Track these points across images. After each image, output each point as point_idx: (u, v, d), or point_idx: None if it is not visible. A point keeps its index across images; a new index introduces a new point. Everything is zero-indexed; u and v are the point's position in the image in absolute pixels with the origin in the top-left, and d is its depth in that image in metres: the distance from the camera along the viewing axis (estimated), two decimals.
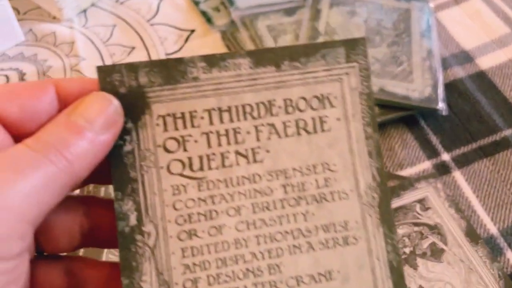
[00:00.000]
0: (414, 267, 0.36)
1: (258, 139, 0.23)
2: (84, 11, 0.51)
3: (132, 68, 0.22)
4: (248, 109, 0.23)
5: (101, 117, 0.21)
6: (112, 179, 0.22)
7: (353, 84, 0.23)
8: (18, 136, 0.21)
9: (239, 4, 0.51)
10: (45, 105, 0.21)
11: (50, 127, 0.20)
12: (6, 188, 0.18)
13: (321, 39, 0.47)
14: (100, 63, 0.47)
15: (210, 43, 0.49)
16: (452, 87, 0.46)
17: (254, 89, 0.23)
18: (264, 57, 0.23)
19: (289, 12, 0.50)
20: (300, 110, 0.23)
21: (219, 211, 0.22)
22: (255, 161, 0.23)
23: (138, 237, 0.22)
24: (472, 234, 0.37)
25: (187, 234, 0.22)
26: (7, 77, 0.46)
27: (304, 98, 0.23)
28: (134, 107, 0.22)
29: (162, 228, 0.22)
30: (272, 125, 0.23)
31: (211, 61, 0.22)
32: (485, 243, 0.37)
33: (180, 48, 0.49)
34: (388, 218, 0.23)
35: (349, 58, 0.23)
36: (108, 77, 0.22)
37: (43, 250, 0.23)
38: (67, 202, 0.23)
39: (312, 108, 0.23)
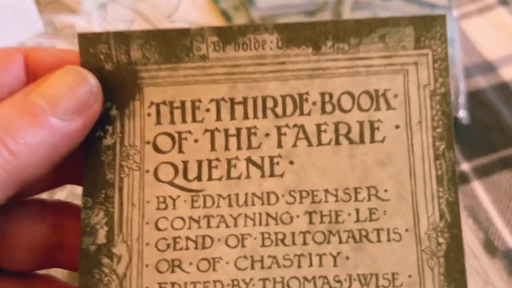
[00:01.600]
0: None
1: (280, 145, 0.17)
2: (104, 5, 0.51)
3: (123, 38, 0.18)
4: (270, 103, 0.17)
5: (69, 99, 0.16)
6: (83, 180, 0.18)
7: (422, 80, 0.17)
8: None
9: (259, 4, 0.51)
10: (10, 77, 0.18)
11: None
12: None
13: None
14: None
15: None
16: (473, 97, 0.46)
17: (280, 77, 0.17)
18: (299, 34, 0.17)
19: (310, 14, 0.50)
20: (343, 110, 0.17)
21: (216, 238, 0.17)
22: (272, 174, 0.17)
23: (105, 260, 0.17)
24: (490, 246, 0.36)
25: (169, 264, 0.17)
26: None
27: (350, 94, 0.17)
28: (122, 89, 0.18)
29: (137, 253, 0.17)
30: (301, 127, 0.17)
31: (226, 35, 0.17)
32: (502, 256, 0.36)
33: None
34: (457, 277, 0.16)
35: (419, 43, 0.17)
36: (92, 48, 0.18)
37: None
38: (31, 209, 0.19)
39: (361, 109, 0.17)
